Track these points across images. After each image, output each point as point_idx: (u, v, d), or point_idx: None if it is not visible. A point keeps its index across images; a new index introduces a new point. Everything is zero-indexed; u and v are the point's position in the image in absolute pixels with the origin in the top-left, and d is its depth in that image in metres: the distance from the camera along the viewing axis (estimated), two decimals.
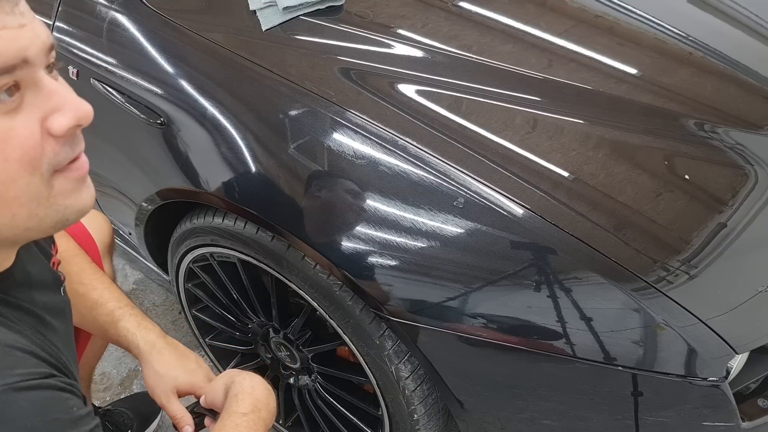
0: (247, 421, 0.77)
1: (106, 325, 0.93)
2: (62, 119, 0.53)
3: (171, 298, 1.88)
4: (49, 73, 0.55)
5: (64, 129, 0.53)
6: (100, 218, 1.17)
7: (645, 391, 0.86)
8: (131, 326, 0.92)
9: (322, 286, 1.05)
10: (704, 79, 1.22)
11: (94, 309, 0.93)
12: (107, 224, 1.18)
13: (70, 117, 0.54)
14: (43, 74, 0.53)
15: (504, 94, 1.09)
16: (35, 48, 0.52)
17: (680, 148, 1.07)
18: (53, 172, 0.55)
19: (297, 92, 1.05)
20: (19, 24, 0.51)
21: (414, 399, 1.09)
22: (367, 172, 0.97)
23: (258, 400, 0.80)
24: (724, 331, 0.84)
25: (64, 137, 0.54)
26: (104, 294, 0.94)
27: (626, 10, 1.33)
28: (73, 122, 0.54)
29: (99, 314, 0.93)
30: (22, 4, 0.52)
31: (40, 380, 0.56)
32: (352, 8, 1.22)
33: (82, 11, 1.23)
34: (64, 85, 0.56)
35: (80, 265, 0.97)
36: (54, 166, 0.54)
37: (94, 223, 1.13)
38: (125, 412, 1.46)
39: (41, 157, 0.53)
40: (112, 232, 1.19)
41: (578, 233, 0.88)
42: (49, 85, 0.54)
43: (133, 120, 1.17)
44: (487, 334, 0.91)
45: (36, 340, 0.61)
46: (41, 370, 0.57)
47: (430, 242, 0.92)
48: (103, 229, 1.15)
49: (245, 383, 0.82)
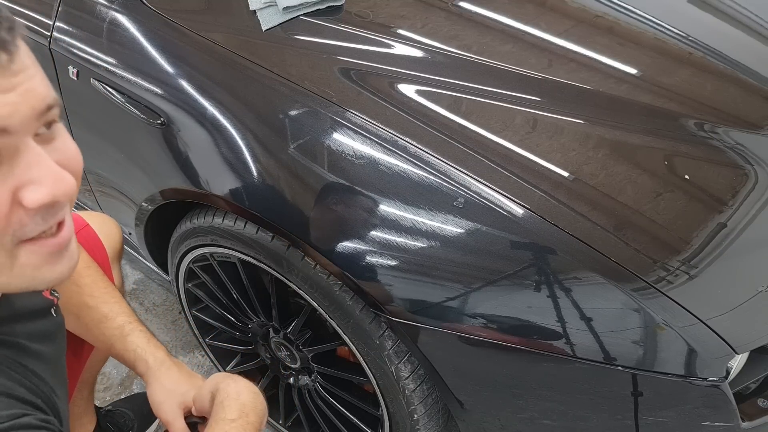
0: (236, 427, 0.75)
1: (114, 339, 0.91)
2: (37, 194, 0.48)
3: (171, 298, 1.88)
4: (47, 130, 0.50)
5: (36, 204, 0.48)
6: (111, 224, 1.16)
7: (645, 391, 0.86)
8: (141, 342, 0.90)
9: (322, 286, 1.05)
10: (704, 79, 1.22)
11: (103, 323, 0.92)
12: (118, 230, 1.17)
13: (45, 193, 0.48)
14: (28, 142, 0.48)
15: (504, 94, 1.09)
16: (20, 116, 0.46)
17: (680, 148, 1.07)
18: (19, 242, 0.50)
19: (297, 92, 1.05)
20: (9, 86, 0.46)
21: (414, 399, 1.09)
22: (367, 172, 0.97)
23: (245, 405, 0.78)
24: (724, 331, 0.84)
25: (36, 210, 0.49)
26: (114, 308, 0.93)
27: (626, 10, 1.33)
28: (48, 198, 0.48)
29: (107, 328, 0.92)
30: (21, 58, 0.47)
31: (11, 422, 0.53)
32: (352, 8, 1.22)
33: (82, 11, 1.23)
34: (58, 148, 0.51)
35: (92, 277, 0.95)
36: (20, 237, 0.50)
37: (104, 228, 1.12)
38: (126, 413, 1.46)
39: (5, 228, 0.48)
40: (122, 238, 1.18)
41: (578, 233, 0.88)
42: (31, 155, 0.48)
43: (133, 120, 1.17)
44: (487, 334, 0.91)
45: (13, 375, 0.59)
46: (13, 411, 0.54)
47: (430, 242, 0.92)
48: (114, 236, 1.14)
49: (230, 389, 0.80)
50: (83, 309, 0.90)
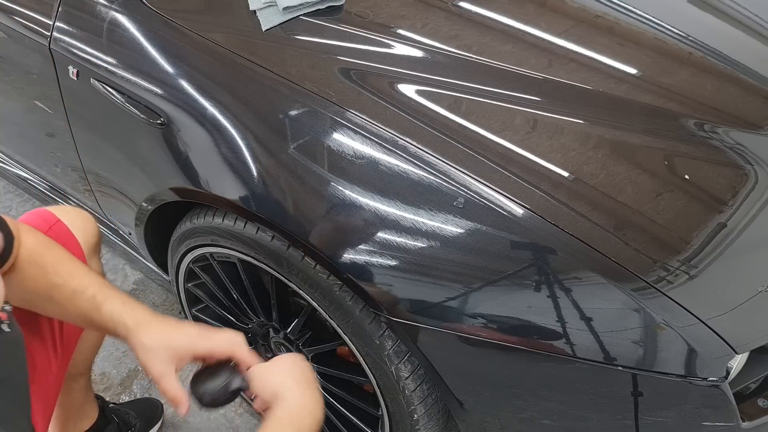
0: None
1: (90, 311, 0.88)
2: None
3: (171, 298, 1.88)
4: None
5: None
6: (85, 218, 1.13)
7: (645, 391, 0.86)
8: (116, 308, 0.87)
9: (322, 286, 1.05)
10: (704, 79, 1.22)
11: (74, 298, 0.88)
12: (92, 224, 1.14)
13: None
14: None
15: (504, 94, 1.09)
16: None
17: (680, 148, 1.07)
18: None
19: (297, 92, 1.05)
20: None
21: (414, 399, 1.09)
22: (367, 172, 0.97)
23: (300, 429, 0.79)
24: (724, 331, 0.84)
25: None
26: (83, 281, 0.89)
27: (626, 10, 1.33)
28: None
29: (80, 302, 0.88)
30: None
31: None
32: (352, 8, 1.22)
33: (82, 11, 1.23)
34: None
35: (55, 256, 0.91)
36: None
37: (77, 223, 1.09)
38: (129, 412, 1.48)
39: None
40: (97, 232, 1.15)
41: (578, 233, 0.88)
42: None
43: (133, 120, 1.17)
44: (487, 334, 0.91)
45: None
46: None
47: (430, 242, 0.92)
48: (88, 230, 1.11)
49: (293, 409, 0.80)
50: (53, 289, 0.87)
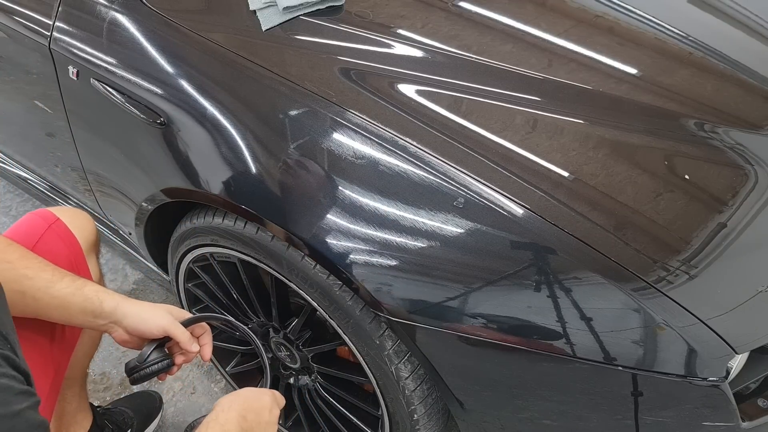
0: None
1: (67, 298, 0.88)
2: None
3: (171, 298, 1.88)
4: None
5: None
6: (83, 217, 1.14)
7: (645, 391, 0.86)
8: (91, 293, 0.89)
9: (322, 285, 1.05)
10: (704, 79, 1.22)
11: (50, 287, 0.88)
12: (91, 223, 1.15)
13: None
14: None
15: (504, 94, 1.09)
16: None
17: (680, 148, 1.07)
18: None
19: (297, 92, 1.05)
20: None
21: (414, 399, 1.09)
22: (367, 172, 0.97)
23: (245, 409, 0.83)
24: (724, 331, 0.84)
25: None
26: (55, 273, 0.90)
27: (626, 10, 1.33)
28: None
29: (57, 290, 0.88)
30: None
31: None
32: (352, 8, 1.22)
33: (82, 11, 1.23)
34: None
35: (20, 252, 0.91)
36: None
37: (76, 222, 1.10)
38: (125, 411, 1.47)
39: None
40: (96, 231, 1.16)
41: (578, 233, 0.88)
42: None
43: (133, 120, 1.17)
44: (487, 334, 0.91)
45: None
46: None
47: (430, 242, 0.92)
48: (87, 229, 1.12)
49: (231, 414, 0.83)
50: (24, 281, 0.87)
